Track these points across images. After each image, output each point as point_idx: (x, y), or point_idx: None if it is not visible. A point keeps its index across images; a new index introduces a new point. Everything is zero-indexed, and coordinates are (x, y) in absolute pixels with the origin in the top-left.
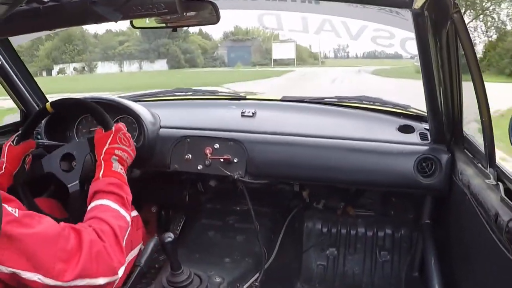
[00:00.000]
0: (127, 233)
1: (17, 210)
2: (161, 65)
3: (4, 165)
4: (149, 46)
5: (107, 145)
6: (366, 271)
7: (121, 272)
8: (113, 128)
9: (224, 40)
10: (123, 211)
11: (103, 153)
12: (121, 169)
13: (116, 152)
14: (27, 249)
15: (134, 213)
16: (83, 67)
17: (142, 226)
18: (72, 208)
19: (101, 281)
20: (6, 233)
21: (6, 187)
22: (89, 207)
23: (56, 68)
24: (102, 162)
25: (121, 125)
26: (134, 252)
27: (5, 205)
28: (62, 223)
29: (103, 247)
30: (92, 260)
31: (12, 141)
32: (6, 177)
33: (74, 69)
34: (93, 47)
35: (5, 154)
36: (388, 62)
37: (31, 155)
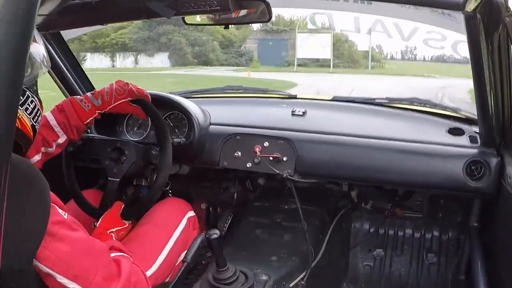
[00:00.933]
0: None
1: (66, 213)
2: (161, 59)
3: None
4: (149, 34)
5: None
6: (413, 273)
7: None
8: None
9: (256, 31)
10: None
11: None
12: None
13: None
14: (70, 255)
15: (191, 213)
16: None
17: (198, 227)
18: (104, 202)
19: None
20: (52, 232)
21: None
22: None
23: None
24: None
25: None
26: None
27: (56, 206)
28: (103, 244)
29: (141, 280)
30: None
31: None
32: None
33: None
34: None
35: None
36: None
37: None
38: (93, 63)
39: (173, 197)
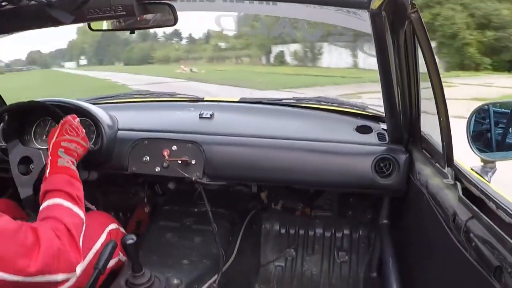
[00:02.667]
0: (83, 229)
1: None
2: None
3: None
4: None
5: (54, 138)
6: (324, 272)
7: (78, 270)
8: (61, 121)
9: None
10: (76, 208)
11: (50, 147)
12: (70, 161)
13: (63, 144)
14: None
15: (113, 225)
16: None
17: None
18: (27, 213)
19: (60, 277)
20: None
21: None
22: (41, 207)
23: None
24: (49, 157)
25: (71, 117)
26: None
27: None
28: (18, 221)
29: (61, 245)
30: (53, 256)
31: None
32: None
33: None
34: None
35: None
36: None
37: None
38: None
39: (95, 211)
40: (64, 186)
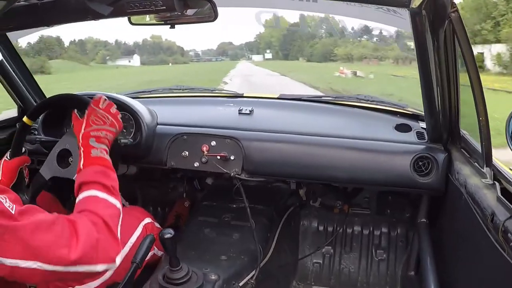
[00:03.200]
0: (120, 220)
1: (13, 207)
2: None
3: (0, 178)
4: None
5: (82, 130)
6: (362, 270)
7: (118, 260)
8: (86, 112)
9: None
10: (111, 199)
11: (80, 139)
12: (103, 150)
13: (92, 133)
14: (24, 238)
15: (148, 220)
16: None
17: (157, 232)
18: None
19: (100, 268)
20: (2, 226)
21: None
22: (77, 200)
23: None
24: (81, 149)
25: (94, 103)
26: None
27: (2, 200)
28: (55, 213)
29: (100, 236)
30: (92, 247)
31: (6, 156)
32: None
33: None
34: None
35: (1, 169)
36: None
37: (27, 168)
38: None
39: (130, 206)
40: (99, 178)
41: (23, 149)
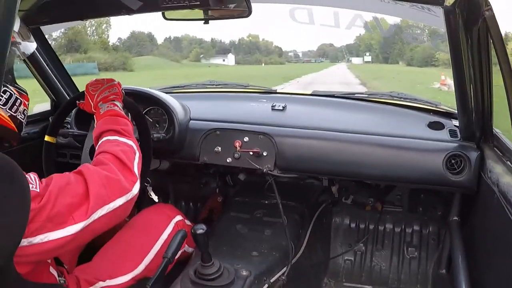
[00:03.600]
0: (136, 156)
1: (37, 184)
2: None
3: None
4: None
5: (91, 103)
6: (393, 267)
7: (135, 188)
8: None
9: None
10: (122, 139)
11: (93, 110)
12: (110, 105)
13: (98, 99)
14: (49, 214)
15: (179, 217)
16: None
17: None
18: None
19: (119, 202)
20: (33, 210)
21: None
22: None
23: None
24: (94, 115)
25: (87, 84)
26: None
27: (29, 180)
28: (65, 173)
29: (107, 171)
30: (102, 186)
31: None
32: None
33: None
34: None
35: None
36: None
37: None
38: None
39: (160, 203)
40: (108, 125)
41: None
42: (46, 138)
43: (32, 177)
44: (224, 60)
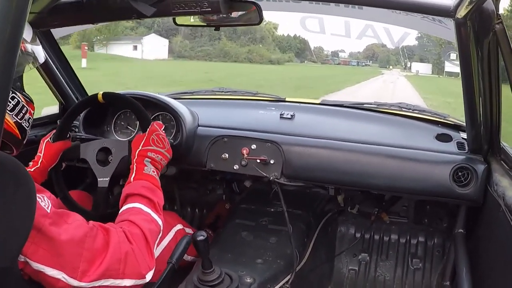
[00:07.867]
0: (158, 237)
1: (50, 206)
2: None
3: (41, 160)
4: None
5: (140, 147)
6: (398, 278)
7: (149, 276)
8: (148, 129)
9: None
10: (154, 215)
11: (136, 155)
12: (154, 171)
13: (149, 154)
14: (53, 247)
15: (179, 226)
16: None
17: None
18: (96, 203)
19: (127, 282)
20: (36, 226)
21: (40, 182)
22: (120, 210)
23: None
24: (135, 164)
25: (157, 125)
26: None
27: (38, 200)
28: (91, 222)
29: (131, 249)
30: (120, 261)
31: (50, 138)
32: (41, 172)
33: None
34: None
35: (43, 150)
36: None
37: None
38: None
39: (163, 211)
40: (146, 192)
41: (68, 134)
42: (99, 95)
43: (45, 196)
44: None
